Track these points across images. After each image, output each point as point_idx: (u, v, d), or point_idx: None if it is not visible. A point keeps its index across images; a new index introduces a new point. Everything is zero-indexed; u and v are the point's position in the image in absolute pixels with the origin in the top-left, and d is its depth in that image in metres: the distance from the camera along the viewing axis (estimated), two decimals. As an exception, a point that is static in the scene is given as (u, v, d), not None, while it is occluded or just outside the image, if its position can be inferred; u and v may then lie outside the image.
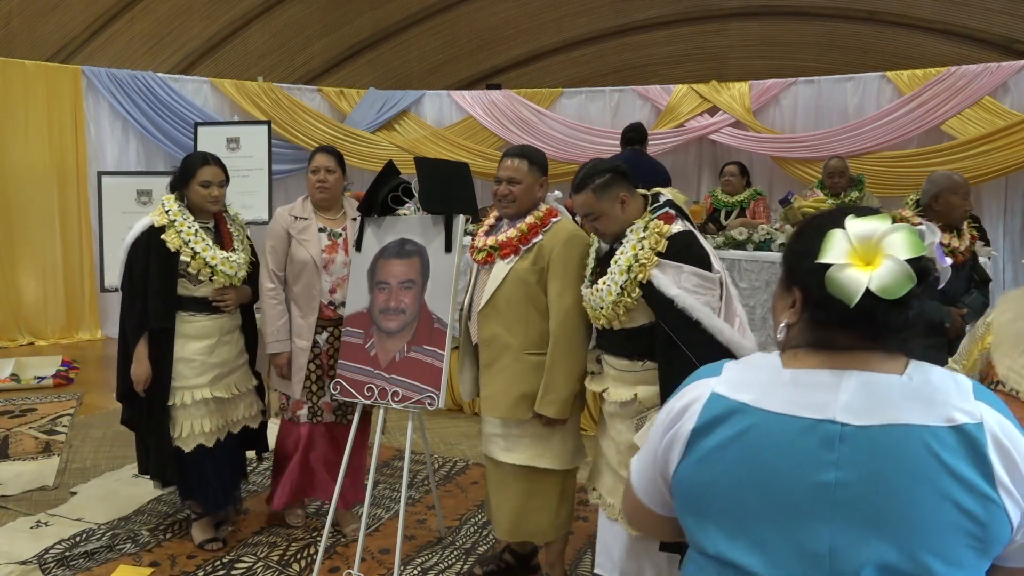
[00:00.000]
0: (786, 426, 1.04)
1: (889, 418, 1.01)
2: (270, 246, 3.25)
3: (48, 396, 5.58)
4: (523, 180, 2.70)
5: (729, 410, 1.08)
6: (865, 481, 0.99)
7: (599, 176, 2.47)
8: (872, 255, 1.03)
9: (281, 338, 3.23)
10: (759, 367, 1.12)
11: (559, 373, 2.60)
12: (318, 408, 3.32)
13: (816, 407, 1.04)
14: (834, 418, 1.02)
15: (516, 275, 2.67)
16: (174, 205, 3.15)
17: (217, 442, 3.23)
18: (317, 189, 3.26)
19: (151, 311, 3.06)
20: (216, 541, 3.28)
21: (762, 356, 1.16)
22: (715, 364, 1.19)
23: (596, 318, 2.52)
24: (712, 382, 1.14)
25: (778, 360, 1.11)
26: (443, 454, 4.40)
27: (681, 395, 1.17)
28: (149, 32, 8.55)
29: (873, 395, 1.03)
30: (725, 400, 1.10)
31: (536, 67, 9.57)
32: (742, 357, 1.15)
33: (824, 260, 1.04)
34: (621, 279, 2.39)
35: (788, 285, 1.15)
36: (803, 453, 1.02)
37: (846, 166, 5.89)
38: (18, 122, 7.14)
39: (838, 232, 1.05)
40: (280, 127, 8.07)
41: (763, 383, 1.09)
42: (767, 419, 1.06)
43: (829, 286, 1.03)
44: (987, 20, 7.76)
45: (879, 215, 1.07)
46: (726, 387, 1.11)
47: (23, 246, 7.22)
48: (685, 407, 1.13)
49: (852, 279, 1.02)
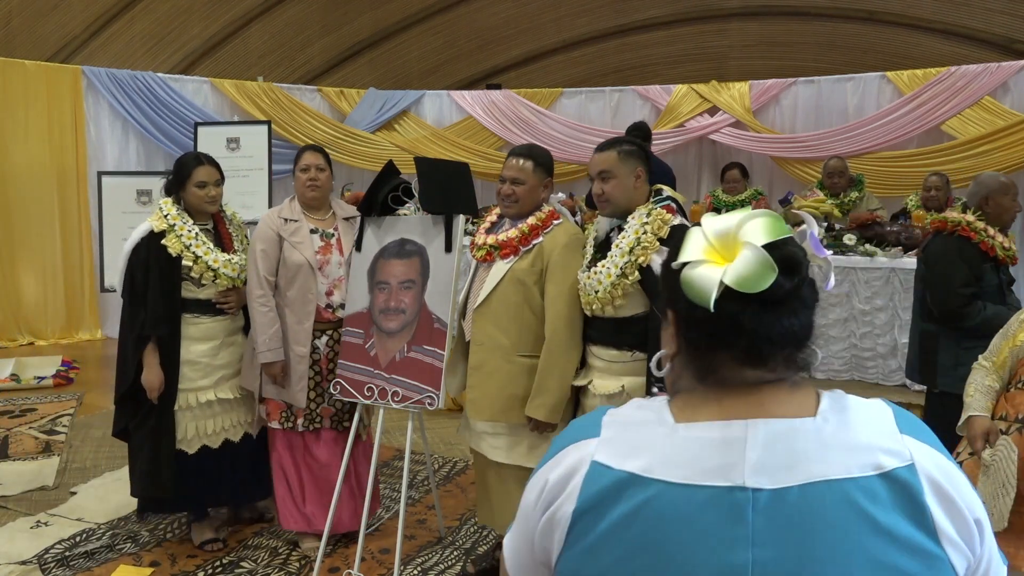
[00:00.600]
0: (688, 498, 0.85)
1: (807, 475, 0.83)
2: (260, 250, 3.08)
3: (48, 396, 5.58)
4: (527, 180, 2.70)
5: (616, 484, 0.87)
6: (786, 557, 0.82)
7: (629, 144, 2.53)
8: (730, 249, 0.89)
9: (274, 347, 3.06)
10: (646, 422, 0.92)
11: (551, 376, 2.59)
12: (316, 415, 3.20)
13: (721, 471, 0.84)
14: (743, 483, 0.83)
15: (514, 275, 2.67)
16: (172, 209, 3.13)
17: (225, 443, 3.21)
18: (308, 188, 3.15)
19: (155, 317, 3.04)
20: (216, 542, 3.28)
21: (648, 405, 0.95)
22: (592, 416, 0.97)
23: (589, 303, 2.52)
24: (591, 445, 0.91)
25: (667, 411, 0.92)
26: (443, 454, 4.40)
27: (555, 462, 0.94)
28: (149, 32, 8.55)
29: (786, 448, 0.85)
30: (609, 471, 0.88)
31: (536, 67, 9.57)
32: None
33: (680, 261, 0.91)
34: (622, 261, 2.42)
35: (664, 308, 0.98)
36: (711, 530, 0.84)
37: (846, 166, 5.89)
38: (18, 122, 7.13)
39: (694, 230, 0.93)
40: (280, 127, 8.06)
41: (653, 444, 0.89)
42: (664, 492, 0.85)
43: (686, 289, 0.89)
44: (987, 20, 7.76)
45: (743, 210, 0.93)
46: (608, 452, 0.90)
47: (23, 246, 7.21)
48: (562, 481, 0.91)
49: (704, 276, 0.87)
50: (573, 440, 0.95)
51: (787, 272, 0.87)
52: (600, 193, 2.51)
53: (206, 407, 3.16)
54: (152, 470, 3.11)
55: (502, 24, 9.52)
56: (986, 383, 2.46)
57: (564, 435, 0.98)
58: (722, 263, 0.88)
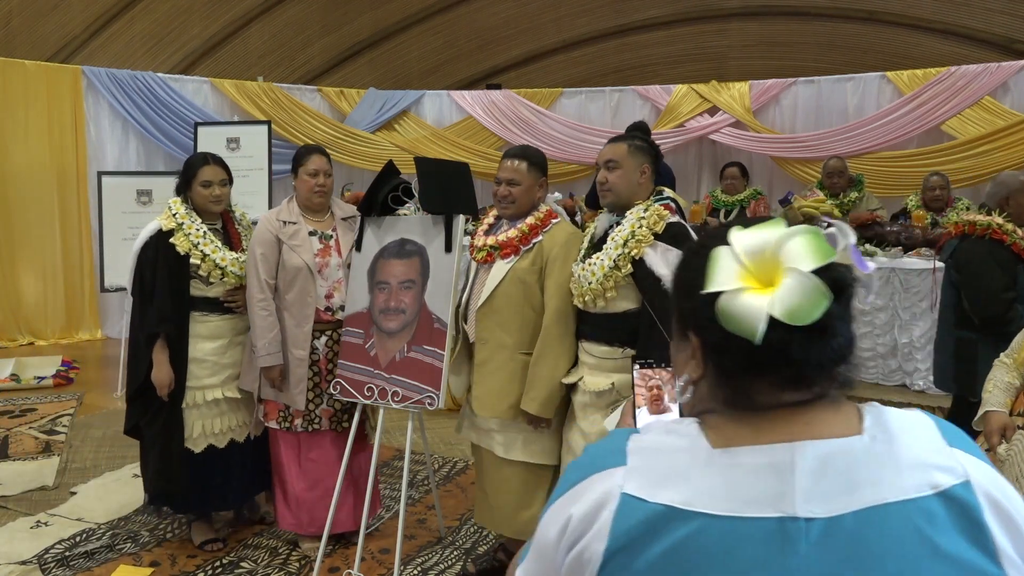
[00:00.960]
0: (733, 532, 0.77)
1: (863, 500, 0.77)
2: (260, 253, 3.06)
3: (48, 396, 5.58)
4: (523, 181, 2.73)
5: (652, 519, 0.79)
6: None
7: (640, 140, 2.56)
8: (770, 272, 0.80)
9: (273, 351, 3.05)
10: (678, 448, 0.83)
11: (543, 369, 2.62)
12: (315, 416, 3.19)
13: (769, 500, 0.77)
14: (795, 512, 0.76)
15: (515, 275, 2.70)
16: (180, 208, 3.15)
17: (231, 443, 3.21)
18: (315, 193, 3.13)
19: (162, 315, 3.06)
20: (216, 542, 3.28)
21: (676, 428, 0.86)
22: (613, 441, 0.87)
23: (581, 295, 2.54)
24: (617, 475, 0.82)
25: (702, 436, 0.83)
26: (443, 454, 4.40)
27: (575, 494, 0.85)
28: (149, 32, 8.55)
29: (837, 471, 0.78)
30: (643, 505, 0.79)
31: (536, 67, 9.57)
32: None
33: (712, 289, 0.81)
34: (616, 253, 2.44)
35: (683, 332, 0.89)
36: (760, 566, 0.76)
37: (845, 166, 5.89)
38: (18, 122, 7.13)
39: (722, 250, 0.82)
40: (280, 127, 8.07)
41: (690, 473, 0.80)
42: (708, 526, 0.77)
43: (723, 321, 0.80)
44: (987, 20, 7.76)
45: (771, 221, 0.84)
46: (639, 483, 0.81)
47: (23, 246, 7.21)
48: (588, 517, 0.82)
49: (748, 308, 0.78)
50: (595, 469, 0.85)
51: (837, 295, 0.80)
52: (604, 181, 2.55)
53: (213, 405, 3.17)
54: (163, 467, 3.13)
55: (502, 24, 9.52)
56: (1006, 380, 2.46)
57: (582, 463, 0.88)
58: (762, 289, 0.79)
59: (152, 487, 3.22)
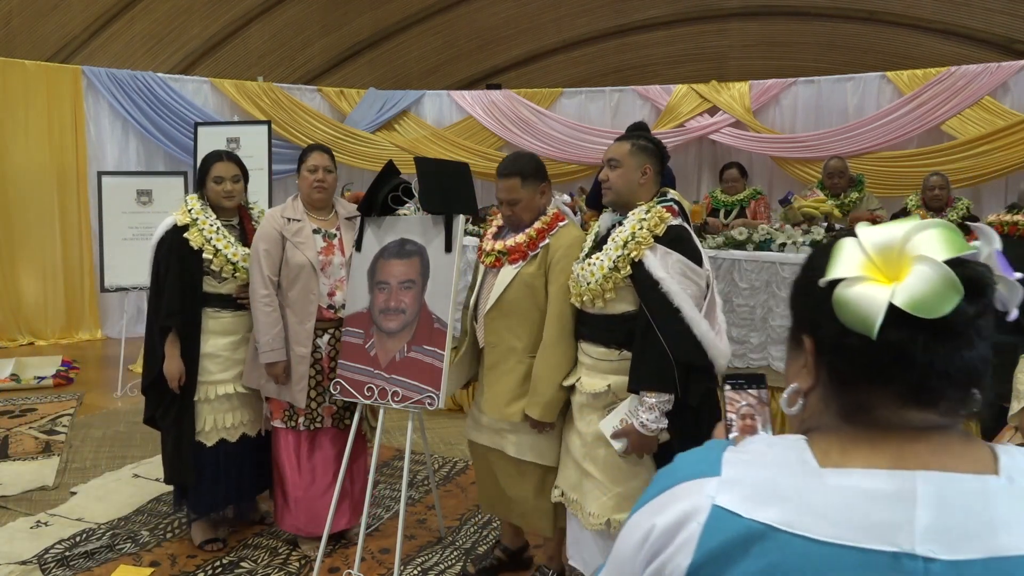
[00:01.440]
0: (837, 561, 0.69)
1: (996, 548, 0.68)
2: (263, 249, 3.07)
3: (48, 396, 5.58)
4: (521, 197, 2.73)
5: (745, 536, 0.71)
6: None
7: (644, 140, 2.56)
8: (897, 265, 0.73)
9: (276, 347, 3.06)
10: (782, 463, 0.75)
11: (544, 373, 2.62)
12: (317, 415, 3.19)
13: (883, 532, 0.69)
14: (913, 550, 0.68)
15: (522, 279, 2.70)
16: (196, 204, 3.20)
17: (242, 437, 3.23)
18: (315, 189, 3.14)
19: (171, 309, 3.10)
20: (216, 541, 3.28)
21: (782, 443, 0.78)
22: (708, 450, 0.81)
23: (580, 295, 2.54)
24: (709, 486, 0.75)
25: (806, 448, 0.75)
26: (443, 454, 4.40)
27: (661, 503, 0.78)
28: (149, 32, 8.55)
29: (968, 511, 0.69)
30: (737, 520, 0.72)
31: (536, 67, 9.57)
32: (713, 356, 0.85)
33: (831, 276, 0.74)
34: (616, 254, 2.44)
35: (797, 336, 0.82)
36: None
37: (846, 166, 5.88)
38: (18, 122, 7.13)
39: (848, 240, 0.77)
40: (280, 127, 8.07)
41: (794, 491, 0.72)
42: (808, 551, 0.70)
43: (839, 312, 0.73)
44: (987, 20, 7.76)
45: (905, 217, 0.78)
46: (734, 497, 0.74)
47: (23, 246, 7.22)
48: (673, 528, 0.75)
49: (867, 296, 0.71)
50: (685, 477, 0.78)
51: (972, 295, 0.71)
52: (605, 179, 2.55)
53: (224, 400, 3.20)
54: (175, 459, 3.20)
55: (502, 24, 9.52)
56: None
57: (671, 471, 0.81)
58: (887, 282, 0.72)
59: (167, 478, 3.29)
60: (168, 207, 5.98)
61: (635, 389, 2.39)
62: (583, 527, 2.57)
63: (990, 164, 6.47)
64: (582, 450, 2.54)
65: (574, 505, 2.58)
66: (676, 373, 2.32)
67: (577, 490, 2.57)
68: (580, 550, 2.62)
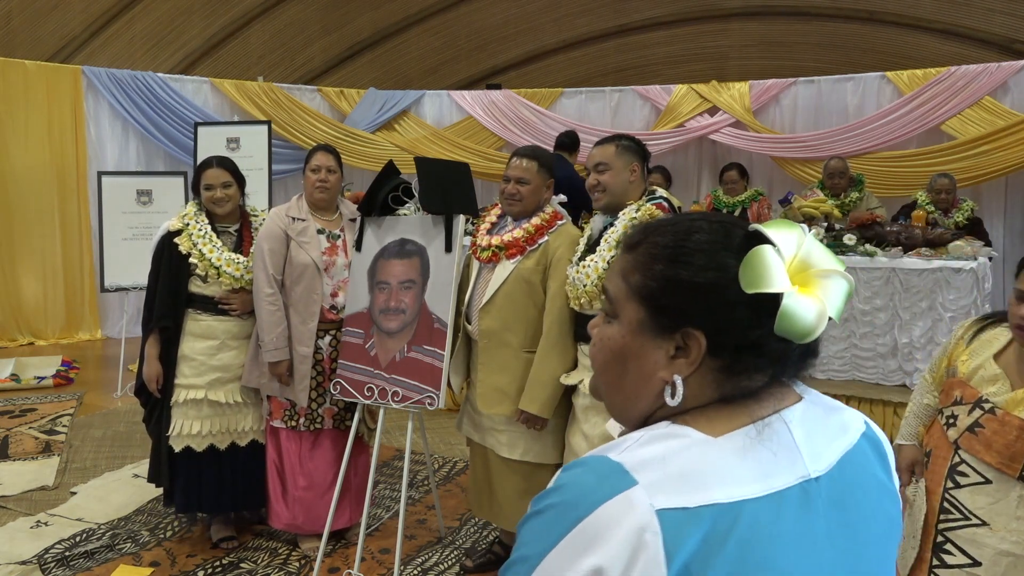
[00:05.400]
0: (774, 508, 0.76)
1: (836, 450, 0.84)
2: (268, 248, 3.08)
3: (48, 396, 5.58)
4: (532, 181, 2.75)
5: (705, 524, 0.72)
6: (843, 535, 0.81)
7: (628, 140, 2.59)
8: (803, 275, 0.80)
9: (280, 345, 3.07)
10: (680, 449, 0.77)
11: (546, 369, 2.64)
12: (318, 415, 3.20)
13: (788, 469, 0.78)
14: (808, 474, 0.79)
15: (519, 274, 2.71)
16: (192, 209, 3.21)
17: (212, 448, 3.17)
18: (317, 189, 3.15)
19: (161, 312, 3.12)
20: (232, 539, 3.30)
21: (663, 434, 0.79)
22: (594, 464, 0.77)
23: (577, 297, 2.55)
24: (637, 495, 0.72)
25: (693, 431, 0.79)
26: (443, 454, 4.40)
27: (587, 538, 0.71)
28: (149, 32, 8.55)
29: (813, 431, 0.83)
30: (687, 514, 0.72)
31: (536, 67, 9.57)
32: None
33: (772, 290, 0.77)
34: (609, 254, 2.46)
35: (671, 327, 0.81)
36: (795, 532, 0.77)
37: (847, 166, 5.89)
38: (18, 122, 7.13)
39: (765, 251, 0.78)
40: (280, 127, 8.07)
41: (711, 467, 0.76)
42: (754, 511, 0.74)
43: (783, 321, 0.77)
44: (987, 20, 7.76)
45: (773, 222, 0.84)
46: (669, 494, 0.73)
47: (23, 246, 7.21)
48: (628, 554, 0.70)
49: (810, 312, 0.78)
50: (597, 502, 0.72)
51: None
52: (595, 184, 2.56)
53: (192, 406, 3.15)
54: (153, 461, 3.25)
55: (502, 24, 9.52)
56: (924, 402, 2.24)
57: (568, 502, 0.74)
58: (804, 291, 0.79)
59: (148, 477, 3.33)
60: (168, 207, 6.00)
61: None
62: None
63: (990, 164, 6.46)
64: (588, 451, 2.54)
65: None
66: None
67: None
68: None
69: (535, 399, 2.64)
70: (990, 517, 1.84)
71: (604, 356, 0.87)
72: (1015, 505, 1.81)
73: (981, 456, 1.86)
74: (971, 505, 1.88)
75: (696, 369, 0.81)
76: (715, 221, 0.84)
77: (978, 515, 1.86)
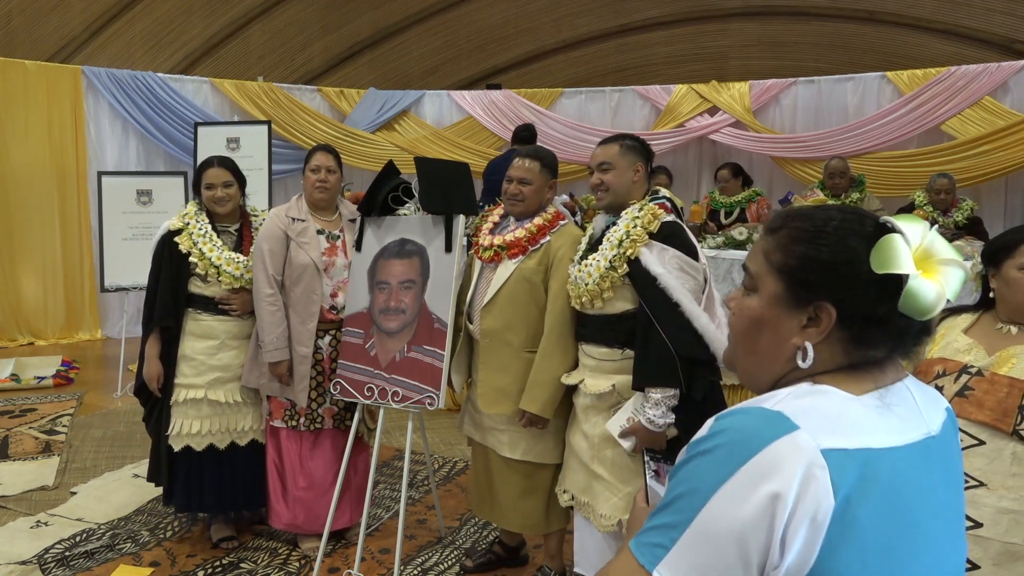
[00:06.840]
0: (908, 458, 0.90)
1: (940, 417, 0.99)
2: (267, 249, 3.08)
3: (48, 396, 5.58)
4: (534, 181, 2.76)
5: (863, 464, 0.85)
6: (950, 487, 0.97)
7: (632, 140, 2.59)
8: (926, 262, 0.93)
9: (280, 346, 3.07)
10: (832, 403, 0.90)
11: (547, 369, 2.63)
12: (318, 415, 3.20)
13: (916, 425, 0.94)
14: (930, 431, 0.95)
15: (521, 274, 2.71)
16: (192, 208, 3.22)
17: (212, 448, 3.17)
18: (317, 189, 3.15)
19: (162, 312, 3.12)
20: (233, 539, 3.29)
21: (810, 392, 0.92)
22: (755, 413, 0.88)
23: (578, 296, 2.55)
24: (802, 437, 0.84)
25: (831, 389, 0.92)
26: (443, 454, 4.40)
27: (760, 470, 0.82)
28: (149, 32, 8.54)
29: (924, 398, 0.99)
30: (849, 454, 0.84)
31: (536, 67, 9.57)
32: (715, 349, 1.17)
33: (900, 271, 0.89)
34: (611, 253, 2.45)
35: (806, 299, 0.94)
36: (923, 479, 0.91)
37: (847, 166, 5.88)
38: (18, 122, 7.13)
39: (896, 238, 0.91)
40: (280, 127, 8.07)
41: (857, 419, 0.89)
42: (896, 458, 0.88)
43: (907, 299, 0.90)
44: (987, 20, 7.76)
45: (904, 215, 0.97)
46: (830, 438, 0.85)
47: (23, 246, 7.21)
48: (803, 484, 0.81)
49: (932, 292, 0.90)
50: (765, 441, 0.83)
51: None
52: (599, 183, 2.56)
53: (192, 405, 3.16)
54: (154, 460, 3.25)
55: (502, 24, 9.52)
56: None
57: (742, 440, 0.85)
58: (927, 276, 0.92)
59: (148, 476, 3.33)
60: (168, 207, 6.00)
61: (640, 386, 2.39)
62: (591, 533, 2.56)
63: (990, 164, 6.47)
64: (589, 452, 2.54)
65: (585, 508, 2.57)
66: (679, 367, 2.32)
67: (587, 493, 2.55)
68: (587, 557, 2.61)
69: (536, 399, 2.64)
70: (987, 477, 1.88)
71: (743, 324, 1.01)
72: (1009, 462, 1.86)
73: (974, 417, 1.91)
74: (968, 468, 1.92)
75: (825, 338, 0.94)
76: (849, 211, 0.97)
77: (975, 476, 1.89)
